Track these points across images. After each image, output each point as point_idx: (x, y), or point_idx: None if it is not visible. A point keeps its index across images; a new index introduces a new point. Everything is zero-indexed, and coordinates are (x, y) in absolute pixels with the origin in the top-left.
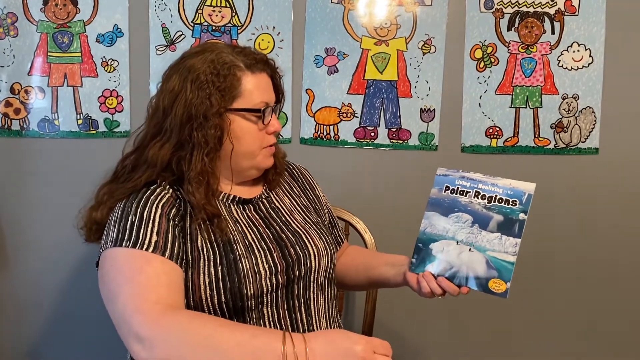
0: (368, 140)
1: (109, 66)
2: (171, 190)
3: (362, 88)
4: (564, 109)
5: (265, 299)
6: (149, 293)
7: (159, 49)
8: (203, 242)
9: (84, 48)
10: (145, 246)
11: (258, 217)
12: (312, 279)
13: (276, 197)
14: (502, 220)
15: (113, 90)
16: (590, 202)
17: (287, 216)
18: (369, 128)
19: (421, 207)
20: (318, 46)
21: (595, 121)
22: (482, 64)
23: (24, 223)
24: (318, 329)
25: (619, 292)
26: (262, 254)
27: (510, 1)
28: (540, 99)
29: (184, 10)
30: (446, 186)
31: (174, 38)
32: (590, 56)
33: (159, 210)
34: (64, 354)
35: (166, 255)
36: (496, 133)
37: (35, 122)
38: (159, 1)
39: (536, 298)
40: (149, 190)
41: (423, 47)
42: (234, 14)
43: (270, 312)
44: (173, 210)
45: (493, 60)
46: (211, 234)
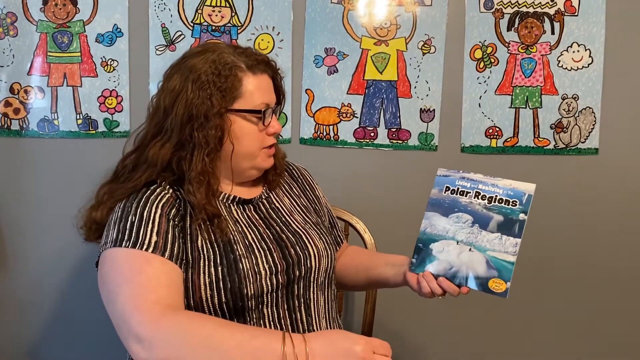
0: (368, 140)
1: (109, 66)
2: (171, 190)
3: (362, 88)
4: (564, 109)
5: (265, 299)
6: (149, 293)
7: (159, 49)
8: (203, 242)
9: (84, 48)
10: (145, 246)
11: (258, 218)
12: (312, 279)
13: (276, 198)
14: (502, 220)
15: (113, 90)
16: (590, 203)
17: (287, 216)
18: (369, 128)
19: (421, 208)
20: (318, 46)
21: (595, 121)
22: (482, 64)
23: (24, 223)
24: (318, 329)
25: (619, 292)
26: (262, 254)
27: (510, 1)
28: (540, 99)
29: (184, 10)
30: (446, 187)
31: (174, 38)
32: (590, 56)
33: (159, 210)
34: (64, 354)
35: (166, 255)
36: (496, 133)
37: (34, 122)
38: (159, 1)
39: (536, 298)
40: (149, 190)
41: (423, 47)
42: (234, 14)
43: (270, 312)
44: (173, 210)
45: (493, 60)
46: (211, 234)
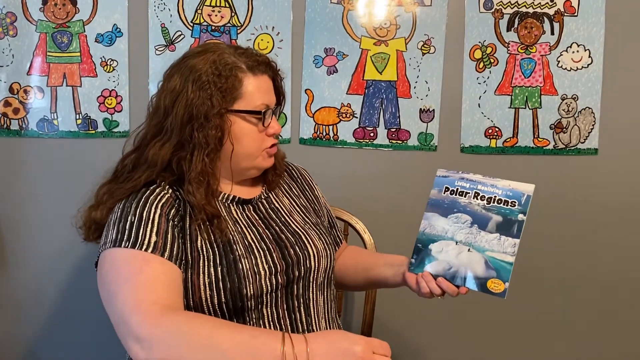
0: (367, 140)
1: (108, 66)
2: (171, 190)
3: (362, 88)
4: (563, 110)
5: (264, 299)
6: (148, 293)
7: (158, 49)
8: (203, 243)
9: (83, 48)
10: (144, 246)
11: (257, 218)
12: (312, 280)
13: (275, 198)
14: (501, 220)
15: (112, 90)
16: (589, 203)
17: (287, 217)
18: (369, 128)
19: (420, 208)
20: (317, 46)
21: (594, 122)
22: (482, 65)
23: (23, 223)
24: (317, 329)
25: (619, 293)
26: (262, 255)
27: (509, 2)
28: (539, 100)
29: (184, 10)
30: (446, 187)
31: (174, 38)
32: (589, 57)
33: (159, 210)
34: (63, 354)
35: (165, 255)
36: (495, 133)
37: (34, 122)
38: (159, 1)
39: (535, 298)
40: (149, 190)
41: (422, 48)
42: (234, 14)
43: (269, 312)
44: (172, 210)
45: (492, 60)
46: (211, 235)
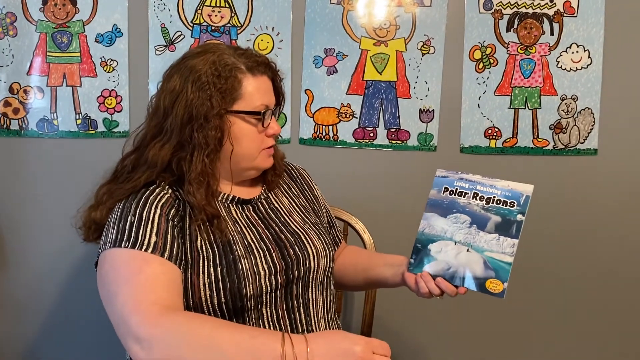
0: (367, 140)
1: (108, 66)
2: (170, 190)
3: (361, 88)
4: (563, 110)
5: (264, 299)
6: (148, 294)
7: (158, 49)
8: (202, 243)
9: (83, 48)
10: (144, 247)
11: (257, 218)
12: (311, 280)
13: (275, 198)
14: (500, 221)
15: (112, 90)
16: (588, 203)
17: (286, 217)
18: (368, 128)
19: (420, 208)
20: (317, 47)
21: (594, 122)
22: (481, 65)
23: (23, 223)
24: (317, 329)
25: (618, 293)
26: (262, 255)
27: (509, 2)
28: (539, 100)
29: (184, 10)
30: (445, 187)
31: (173, 38)
32: (589, 57)
33: (158, 210)
34: (63, 354)
35: (165, 256)
36: (495, 134)
37: (34, 122)
38: (158, 1)
39: (534, 299)
40: (148, 190)
41: (422, 48)
42: (234, 15)
43: (269, 313)
44: (172, 210)
45: (492, 61)
46: (210, 235)
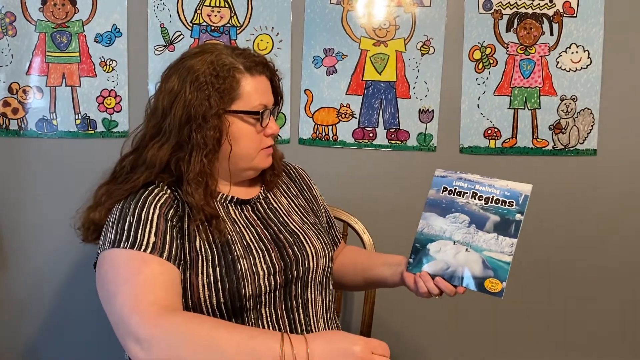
0: (367, 140)
1: (108, 66)
2: (169, 191)
3: (361, 89)
4: (563, 110)
5: (263, 300)
6: (147, 294)
7: (158, 49)
8: (201, 243)
9: (83, 48)
10: (143, 247)
11: (256, 218)
12: (310, 280)
13: (274, 198)
14: (499, 220)
15: (111, 90)
16: (588, 203)
17: (285, 217)
18: (368, 129)
19: (419, 208)
20: (317, 47)
21: (593, 122)
22: (481, 65)
23: (22, 223)
24: (316, 330)
25: (618, 293)
26: (261, 255)
27: (509, 2)
28: (538, 100)
29: (183, 10)
30: (444, 187)
31: (173, 38)
32: (588, 57)
33: (157, 211)
34: (62, 354)
35: (164, 256)
36: (495, 134)
37: (33, 122)
38: (158, 1)
39: (534, 298)
40: (147, 191)
41: (422, 48)
42: (233, 15)
43: (268, 313)
44: (171, 211)
45: (492, 61)
46: (209, 235)
